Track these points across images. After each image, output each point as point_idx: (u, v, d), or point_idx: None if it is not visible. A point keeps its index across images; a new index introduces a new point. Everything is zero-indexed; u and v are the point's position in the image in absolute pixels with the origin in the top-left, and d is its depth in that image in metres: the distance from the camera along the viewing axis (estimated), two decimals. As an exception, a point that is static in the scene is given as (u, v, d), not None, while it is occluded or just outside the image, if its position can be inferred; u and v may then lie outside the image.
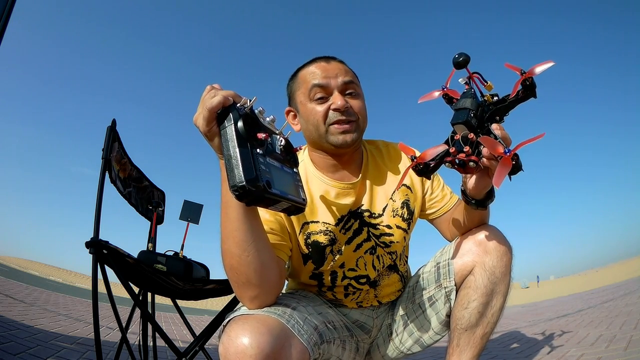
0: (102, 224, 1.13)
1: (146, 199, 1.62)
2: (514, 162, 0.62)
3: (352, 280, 0.94)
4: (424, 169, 0.72)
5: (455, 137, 0.71)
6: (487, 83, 0.73)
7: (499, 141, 0.66)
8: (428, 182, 1.01)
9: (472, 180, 0.77)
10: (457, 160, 0.69)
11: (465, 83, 0.74)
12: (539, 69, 0.68)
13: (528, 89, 0.69)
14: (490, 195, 0.82)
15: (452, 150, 0.69)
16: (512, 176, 0.66)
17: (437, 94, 0.78)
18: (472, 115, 0.68)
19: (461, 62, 0.70)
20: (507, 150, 0.62)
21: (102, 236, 1.10)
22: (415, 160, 0.71)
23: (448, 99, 0.76)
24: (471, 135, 0.68)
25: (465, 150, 0.68)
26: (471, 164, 0.68)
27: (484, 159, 0.68)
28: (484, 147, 0.67)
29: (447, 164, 0.71)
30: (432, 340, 0.96)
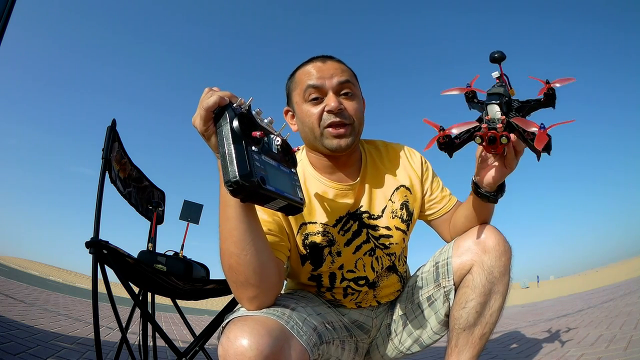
0: (102, 224, 1.13)
1: (146, 199, 1.62)
2: (549, 136, 0.67)
3: (350, 282, 0.94)
4: (449, 143, 0.76)
5: (486, 118, 0.75)
6: (511, 88, 0.79)
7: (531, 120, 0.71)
8: (427, 183, 1.01)
9: (490, 168, 0.79)
10: (490, 136, 0.72)
11: (497, 78, 0.80)
12: (559, 83, 0.76)
13: (549, 97, 0.77)
14: (501, 189, 0.84)
15: (484, 126, 0.73)
16: (541, 155, 0.70)
17: (457, 91, 0.83)
18: (505, 100, 0.75)
19: (497, 57, 0.78)
20: (542, 126, 0.67)
21: (102, 236, 1.10)
22: (442, 131, 0.75)
23: (470, 97, 0.82)
24: (502, 117, 0.72)
25: (497, 127, 0.72)
26: (503, 139, 0.71)
27: (512, 139, 0.73)
28: (514, 131, 0.72)
29: (477, 138, 0.74)
30: (431, 340, 0.96)
